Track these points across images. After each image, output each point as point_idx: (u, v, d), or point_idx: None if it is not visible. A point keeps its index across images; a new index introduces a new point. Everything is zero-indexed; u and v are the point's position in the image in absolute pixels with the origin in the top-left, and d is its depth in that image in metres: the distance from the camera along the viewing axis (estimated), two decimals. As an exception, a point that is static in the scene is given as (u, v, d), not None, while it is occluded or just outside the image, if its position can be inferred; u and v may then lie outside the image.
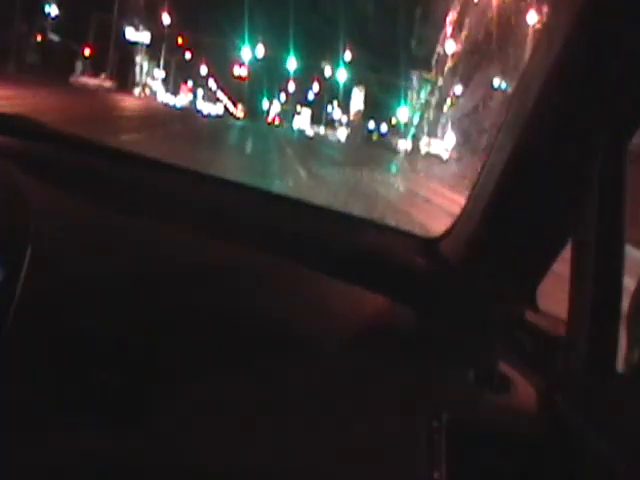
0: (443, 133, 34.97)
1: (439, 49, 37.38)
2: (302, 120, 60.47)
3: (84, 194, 1.55)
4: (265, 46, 53.89)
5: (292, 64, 54.43)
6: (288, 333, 1.49)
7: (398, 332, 1.61)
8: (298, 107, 61.38)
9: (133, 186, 1.71)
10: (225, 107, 62.70)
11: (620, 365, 1.40)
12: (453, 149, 30.85)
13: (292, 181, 16.26)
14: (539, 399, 1.49)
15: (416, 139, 40.08)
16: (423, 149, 37.04)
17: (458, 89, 34.29)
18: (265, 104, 62.57)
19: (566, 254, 1.52)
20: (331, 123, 58.72)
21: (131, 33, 49.02)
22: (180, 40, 55.90)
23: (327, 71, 54.98)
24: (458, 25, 33.07)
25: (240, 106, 62.45)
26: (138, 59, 51.39)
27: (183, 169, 1.88)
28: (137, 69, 51.89)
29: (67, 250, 1.42)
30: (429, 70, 40.62)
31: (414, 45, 42.66)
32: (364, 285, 1.63)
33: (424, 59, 40.96)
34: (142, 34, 50.06)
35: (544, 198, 1.54)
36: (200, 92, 60.94)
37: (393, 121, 50.00)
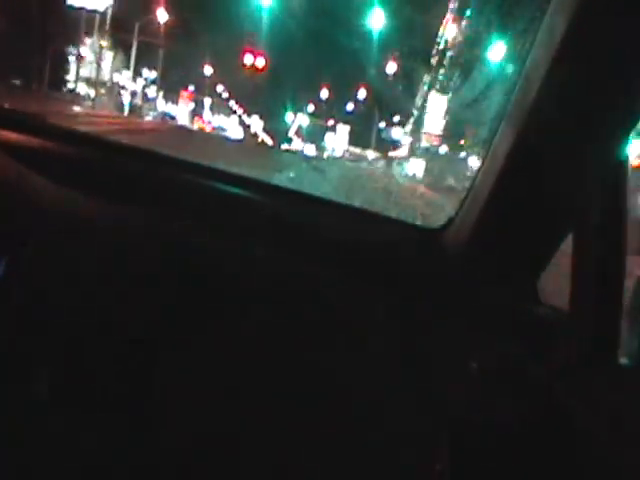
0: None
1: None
2: (337, 140, 36.79)
3: (85, 189, 1.54)
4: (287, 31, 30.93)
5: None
6: (288, 329, 1.49)
7: (398, 325, 1.60)
8: (331, 121, 37.09)
9: (136, 181, 1.71)
10: (242, 123, 40.70)
11: (622, 356, 1.41)
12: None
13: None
14: (541, 391, 1.49)
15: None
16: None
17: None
18: (289, 118, 38.98)
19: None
20: (383, 145, 34.34)
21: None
22: (162, 17, 31.60)
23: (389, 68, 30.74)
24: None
25: (256, 119, 40.57)
26: (88, 42, 30.83)
27: (187, 162, 1.88)
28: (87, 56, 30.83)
29: (68, 246, 1.41)
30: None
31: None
32: (363, 277, 1.64)
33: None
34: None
35: (545, 190, 1.54)
36: (207, 101, 38.74)
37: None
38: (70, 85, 29.96)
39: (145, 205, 1.59)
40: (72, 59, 30.08)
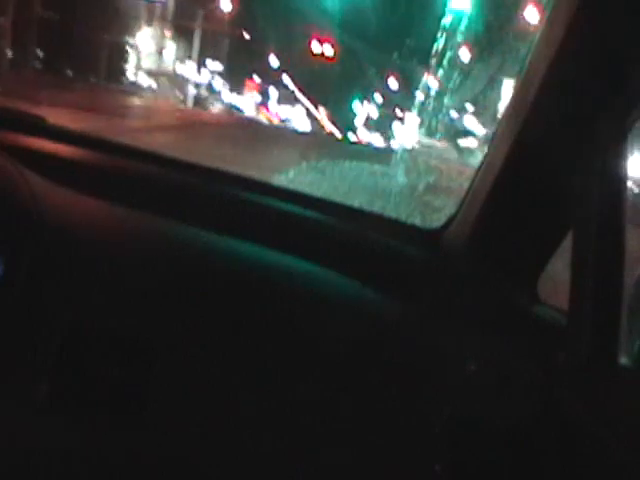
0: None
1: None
2: (406, 130, 30.68)
3: (87, 189, 1.57)
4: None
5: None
6: (288, 330, 1.50)
7: (398, 325, 1.61)
8: (399, 111, 33.14)
9: (137, 181, 1.74)
10: (309, 114, 36.84)
11: (622, 356, 1.39)
12: None
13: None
14: (540, 391, 1.48)
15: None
16: None
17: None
18: (357, 108, 37.16)
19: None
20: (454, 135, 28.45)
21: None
22: (227, 5, 31.18)
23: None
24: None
25: (323, 111, 36.99)
26: (149, 31, 29.60)
27: (188, 163, 1.90)
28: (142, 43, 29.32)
29: (68, 245, 1.43)
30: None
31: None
32: (363, 277, 1.64)
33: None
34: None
35: (545, 189, 1.55)
36: (273, 91, 36.30)
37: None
38: (130, 76, 29.21)
39: (145, 206, 1.60)
40: (131, 49, 29.21)
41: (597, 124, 1.42)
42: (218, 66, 33.83)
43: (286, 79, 37.81)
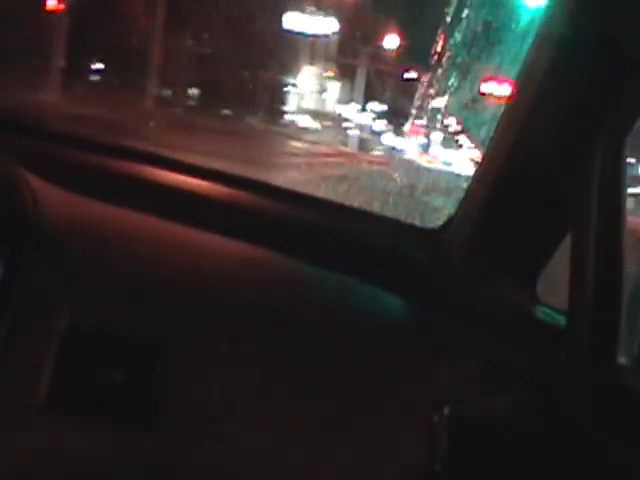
0: None
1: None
2: None
3: (87, 191, 1.58)
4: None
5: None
6: (289, 328, 1.51)
7: (398, 325, 1.62)
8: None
9: (137, 182, 1.76)
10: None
11: (621, 356, 1.41)
12: None
13: None
14: (539, 391, 1.50)
15: None
16: None
17: None
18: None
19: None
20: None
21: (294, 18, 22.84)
22: (391, 43, 27.42)
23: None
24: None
25: None
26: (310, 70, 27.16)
27: (189, 164, 1.91)
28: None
29: (68, 246, 1.44)
30: None
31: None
32: (363, 277, 1.65)
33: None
34: (319, 20, 23.53)
35: (544, 190, 1.55)
36: (436, 135, 30.27)
37: None
38: (289, 117, 27.62)
39: (145, 207, 1.61)
40: (290, 88, 27.56)
41: (596, 124, 1.43)
42: (381, 107, 30.95)
43: (449, 121, 36.53)
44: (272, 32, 23.11)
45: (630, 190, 1.51)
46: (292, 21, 22.99)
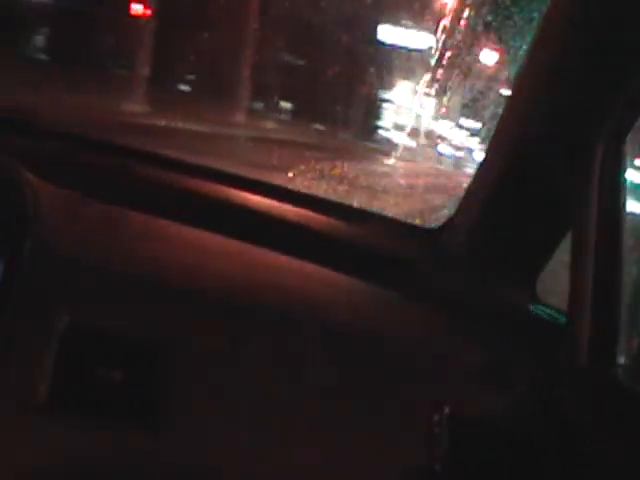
0: None
1: None
2: None
3: (86, 190, 1.57)
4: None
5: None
6: (289, 328, 1.50)
7: (398, 325, 1.61)
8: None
9: (136, 181, 1.75)
10: None
11: (621, 356, 1.41)
12: None
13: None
14: (539, 391, 1.49)
15: None
16: None
17: None
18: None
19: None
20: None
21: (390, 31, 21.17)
22: (489, 59, 16.37)
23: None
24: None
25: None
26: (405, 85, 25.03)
27: (189, 164, 1.92)
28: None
29: (68, 246, 1.43)
30: None
31: None
32: (363, 277, 1.64)
33: None
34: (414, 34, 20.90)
35: (544, 189, 1.55)
36: None
37: None
38: (383, 133, 25.86)
39: (145, 207, 1.61)
40: (385, 104, 25.90)
41: (596, 124, 1.43)
42: (476, 124, 31.99)
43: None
44: (367, 45, 22.46)
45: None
46: (387, 34, 21.99)
